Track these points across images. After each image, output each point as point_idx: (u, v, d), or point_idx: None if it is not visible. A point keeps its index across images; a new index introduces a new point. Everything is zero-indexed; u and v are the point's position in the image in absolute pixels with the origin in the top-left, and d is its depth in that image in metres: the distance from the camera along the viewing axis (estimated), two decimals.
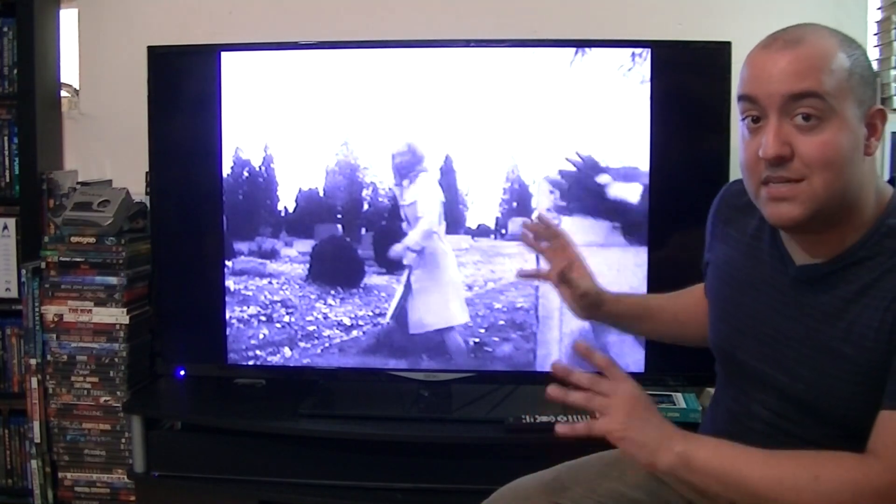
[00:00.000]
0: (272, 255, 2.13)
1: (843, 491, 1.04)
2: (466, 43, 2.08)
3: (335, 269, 2.13)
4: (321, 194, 2.10)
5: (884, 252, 1.11)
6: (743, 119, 1.15)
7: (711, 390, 1.42)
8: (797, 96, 1.08)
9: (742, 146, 1.16)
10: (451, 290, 2.08)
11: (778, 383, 1.19)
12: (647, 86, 2.00)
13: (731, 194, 1.35)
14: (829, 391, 1.13)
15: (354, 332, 2.12)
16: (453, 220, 2.08)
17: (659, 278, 1.99)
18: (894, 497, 1.03)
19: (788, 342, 1.18)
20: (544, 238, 1.47)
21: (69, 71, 2.54)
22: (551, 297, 2.02)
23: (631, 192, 2.02)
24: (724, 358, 1.32)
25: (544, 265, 1.49)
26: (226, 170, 2.12)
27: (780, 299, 1.20)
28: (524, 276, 1.49)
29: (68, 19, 2.52)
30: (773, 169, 1.10)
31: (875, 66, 2.27)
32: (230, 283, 2.15)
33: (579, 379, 1.16)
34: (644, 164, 2.01)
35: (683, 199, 2.00)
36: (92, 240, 2.20)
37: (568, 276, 1.41)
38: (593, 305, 1.45)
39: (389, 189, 2.08)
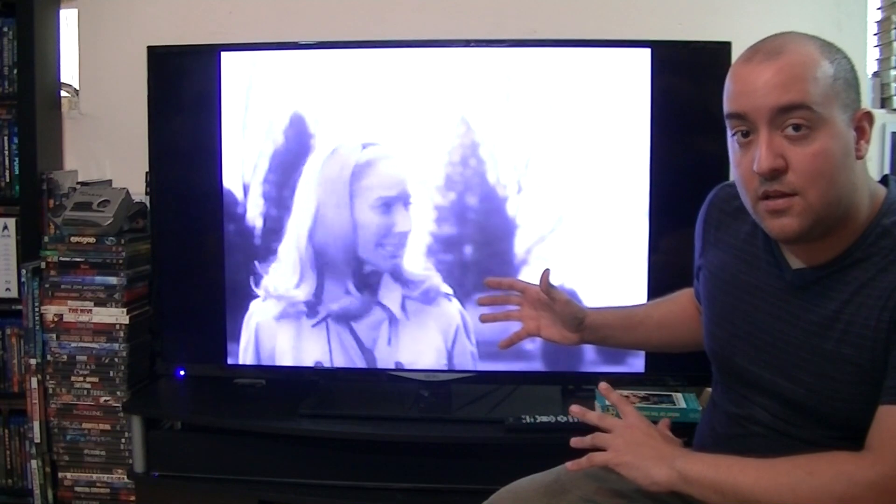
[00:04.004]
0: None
1: (838, 483, 1.05)
2: (466, 43, 2.07)
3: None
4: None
5: (879, 252, 1.11)
6: (733, 135, 1.14)
7: (711, 390, 1.42)
8: (785, 109, 1.08)
9: (733, 161, 1.16)
10: None
11: (778, 388, 1.19)
12: (648, 86, 2.00)
13: (720, 199, 1.35)
14: (831, 394, 1.13)
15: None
16: None
17: (658, 279, 1.99)
18: (888, 489, 1.04)
19: (787, 347, 1.18)
20: (509, 299, 1.50)
21: (69, 71, 2.54)
22: None
23: (631, 192, 2.02)
24: (721, 363, 1.31)
25: (520, 325, 1.51)
26: (225, 169, 2.12)
27: (776, 304, 1.20)
28: (508, 346, 1.52)
29: (68, 19, 2.52)
30: (768, 183, 1.10)
31: (875, 66, 2.27)
32: (230, 282, 2.15)
33: (591, 419, 1.32)
34: (644, 165, 2.01)
35: (683, 199, 1.99)
36: (92, 240, 2.20)
37: (549, 289, 1.43)
38: (578, 320, 1.46)
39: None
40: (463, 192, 2.06)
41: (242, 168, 2.11)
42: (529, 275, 2.02)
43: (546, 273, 1.42)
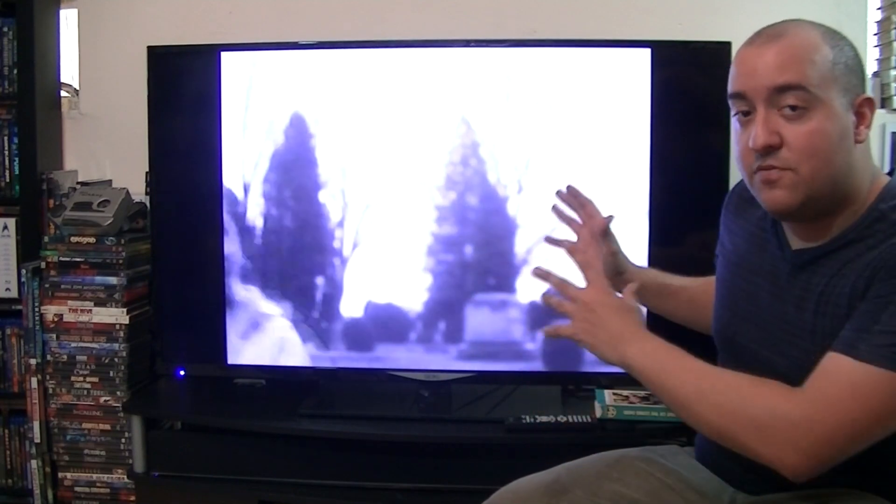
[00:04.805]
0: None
1: (761, 412, 1.07)
2: (466, 43, 2.07)
3: None
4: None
5: (874, 235, 1.13)
6: (734, 115, 1.18)
7: None
8: (782, 88, 1.11)
9: (734, 140, 1.20)
10: None
11: (777, 367, 1.20)
12: (648, 86, 2.00)
13: (741, 187, 1.38)
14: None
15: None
16: None
17: None
18: (807, 430, 1.04)
19: (784, 324, 1.20)
20: (573, 208, 1.50)
21: (69, 71, 2.54)
22: None
23: (631, 192, 2.02)
24: (725, 345, 1.34)
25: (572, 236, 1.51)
26: (225, 169, 2.12)
27: (777, 283, 1.23)
28: (552, 242, 1.53)
29: (68, 19, 2.52)
30: (763, 158, 1.13)
31: (875, 66, 2.27)
32: (230, 282, 2.14)
33: (553, 282, 1.31)
34: (644, 164, 2.01)
35: (683, 198, 2.00)
36: (92, 240, 2.20)
37: (608, 230, 1.46)
38: (618, 271, 1.50)
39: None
40: (463, 191, 2.06)
41: (243, 168, 2.11)
42: (529, 275, 2.02)
43: (608, 219, 1.46)
